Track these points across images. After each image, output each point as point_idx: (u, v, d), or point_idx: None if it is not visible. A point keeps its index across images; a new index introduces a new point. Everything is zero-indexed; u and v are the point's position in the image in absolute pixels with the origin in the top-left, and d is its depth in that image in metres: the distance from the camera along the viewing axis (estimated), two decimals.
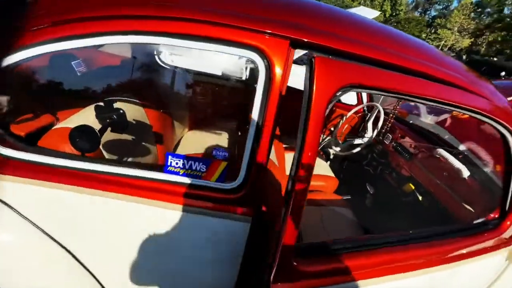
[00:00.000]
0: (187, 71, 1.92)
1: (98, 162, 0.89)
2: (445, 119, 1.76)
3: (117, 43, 0.80)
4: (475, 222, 1.14)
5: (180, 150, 1.87)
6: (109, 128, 1.10)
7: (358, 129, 2.40)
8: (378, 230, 1.80)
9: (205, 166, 0.89)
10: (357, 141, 2.12)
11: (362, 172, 2.25)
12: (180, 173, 0.89)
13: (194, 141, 2.00)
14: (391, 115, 1.83)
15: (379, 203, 2.01)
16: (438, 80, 0.87)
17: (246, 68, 1.43)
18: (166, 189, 0.90)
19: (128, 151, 1.29)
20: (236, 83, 1.81)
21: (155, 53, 1.50)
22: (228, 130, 2.11)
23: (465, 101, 0.89)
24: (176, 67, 1.71)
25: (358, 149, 1.99)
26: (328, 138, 2.63)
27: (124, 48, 1.68)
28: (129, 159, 1.29)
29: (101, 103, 1.10)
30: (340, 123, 2.36)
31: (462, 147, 1.51)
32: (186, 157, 0.88)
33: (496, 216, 1.11)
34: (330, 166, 2.53)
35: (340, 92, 0.69)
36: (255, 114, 0.84)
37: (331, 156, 2.69)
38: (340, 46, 0.80)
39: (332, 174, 2.17)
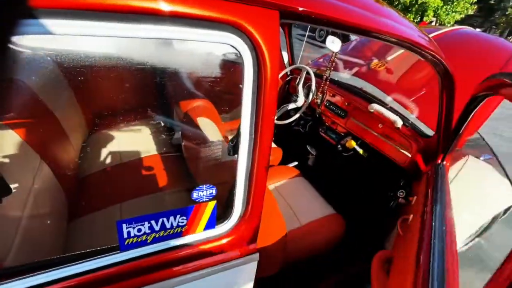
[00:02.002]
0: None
1: None
2: (366, 72, 1.90)
3: None
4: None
5: (95, 164, 1.36)
6: None
7: (288, 95, 2.36)
8: (329, 189, 1.92)
9: (185, 218, 0.59)
10: (291, 106, 2.08)
11: (301, 136, 2.29)
12: (148, 241, 0.57)
13: (116, 148, 1.49)
14: (325, 76, 1.83)
15: (324, 163, 2.13)
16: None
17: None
18: (130, 271, 0.57)
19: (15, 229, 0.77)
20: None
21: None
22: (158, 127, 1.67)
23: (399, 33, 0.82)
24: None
25: (297, 115, 1.96)
26: None
27: None
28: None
29: None
30: None
31: (388, 98, 1.67)
32: (153, 216, 0.55)
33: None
34: None
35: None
36: (246, 126, 0.58)
37: None
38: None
39: (274, 145, 2.11)
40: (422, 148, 1.40)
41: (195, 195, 0.58)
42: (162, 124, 1.77)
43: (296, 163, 2.13)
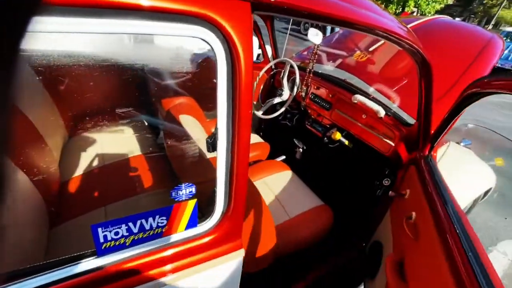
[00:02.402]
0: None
1: None
2: (349, 64, 1.91)
3: None
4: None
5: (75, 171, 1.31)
6: None
7: (273, 89, 2.36)
8: (317, 181, 1.94)
9: (164, 218, 0.58)
10: (277, 100, 2.08)
11: (288, 130, 2.30)
12: (127, 244, 0.55)
13: (98, 152, 1.45)
14: (308, 69, 1.82)
15: (311, 156, 2.14)
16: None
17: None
18: (111, 275, 0.55)
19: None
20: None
21: None
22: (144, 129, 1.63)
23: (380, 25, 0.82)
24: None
25: (282, 109, 1.96)
26: None
27: None
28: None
29: None
30: (255, 85, 2.24)
31: (370, 89, 1.69)
32: (131, 217, 0.54)
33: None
34: (257, 132, 2.48)
35: None
36: (222, 121, 0.57)
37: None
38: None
39: (261, 140, 2.11)
40: (404, 137, 1.43)
41: (174, 194, 0.57)
42: (146, 123, 1.73)
43: (284, 157, 2.14)
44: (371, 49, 1.91)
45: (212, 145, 0.61)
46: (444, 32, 1.98)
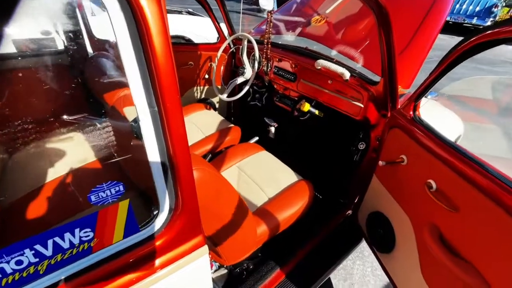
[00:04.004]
0: None
1: None
2: (307, 31, 1.81)
3: None
4: None
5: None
6: None
7: (236, 69, 2.21)
8: (293, 157, 1.87)
9: (89, 229, 0.45)
10: (240, 80, 1.95)
11: (258, 111, 2.19)
12: (42, 271, 0.43)
13: (38, 173, 1.27)
14: (266, 40, 1.70)
15: (284, 132, 2.06)
16: None
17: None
18: None
19: None
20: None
21: None
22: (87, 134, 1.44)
23: None
24: None
25: (246, 88, 1.83)
26: (206, 87, 2.34)
27: None
28: None
29: None
30: (214, 67, 2.08)
31: (333, 52, 1.60)
32: (35, 239, 0.41)
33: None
34: (225, 116, 2.35)
35: None
36: (139, 96, 0.44)
37: (217, 106, 2.47)
38: None
39: (231, 124, 1.99)
40: (372, 96, 1.37)
41: (93, 198, 0.45)
42: (98, 125, 1.55)
43: (257, 138, 2.04)
44: (328, 11, 1.81)
45: (139, 129, 0.49)
46: None
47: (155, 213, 0.53)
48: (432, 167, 0.91)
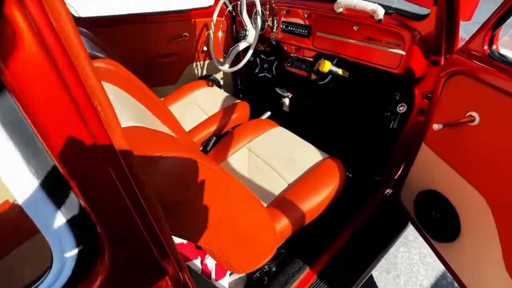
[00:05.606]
0: None
1: None
2: None
3: None
4: None
5: None
6: None
7: (236, 34, 1.88)
8: (314, 131, 1.57)
9: None
10: (242, 45, 1.62)
11: (269, 83, 1.87)
12: None
13: None
14: None
15: (301, 103, 1.74)
16: None
17: None
18: None
19: None
20: None
21: None
22: None
23: None
24: None
25: (250, 51, 1.51)
26: (207, 62, 2.04)
27: None
28: None
29: None
30: (211, 35, 1.77)
31: None
32: None
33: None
34: (235, 95, 2.07)
35: None
36: None
37: (222, 82, 2.17)
38: None
39: (238, 100, 1.70)
40: (418, 36, 1.01)
41: None
42: None
43: (269, 113, 1.75)
44: None
45: None
46: None
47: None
48: None
